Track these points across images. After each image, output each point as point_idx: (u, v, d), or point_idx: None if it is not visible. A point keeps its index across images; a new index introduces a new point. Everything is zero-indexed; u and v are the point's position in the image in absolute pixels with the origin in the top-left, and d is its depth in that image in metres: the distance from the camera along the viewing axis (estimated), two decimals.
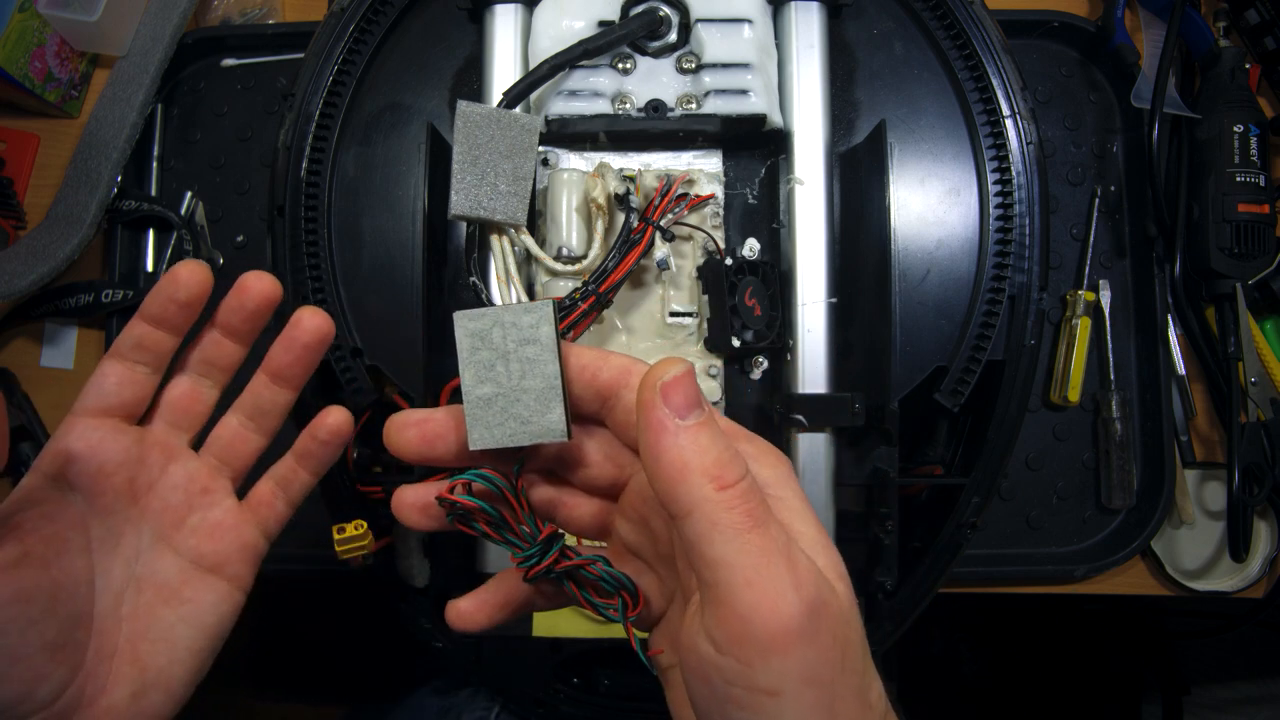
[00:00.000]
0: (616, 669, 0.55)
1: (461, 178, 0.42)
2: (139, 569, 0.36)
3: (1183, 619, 0.90)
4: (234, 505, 0.37)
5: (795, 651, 0.24)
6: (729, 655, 0.24)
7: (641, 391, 0.25)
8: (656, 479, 0.25)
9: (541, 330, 0.30)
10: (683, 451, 0.25)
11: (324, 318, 0.36)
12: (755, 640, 0.23)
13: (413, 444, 0.32)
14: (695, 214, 0.48)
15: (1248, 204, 0.56)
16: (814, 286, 0.47)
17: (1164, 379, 0.58)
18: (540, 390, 0.30)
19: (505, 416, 0.31)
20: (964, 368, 0.46)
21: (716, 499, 0.24)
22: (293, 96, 0.47)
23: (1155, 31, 0.60)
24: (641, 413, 0.25)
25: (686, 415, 0.25)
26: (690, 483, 0.24)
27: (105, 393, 0.34)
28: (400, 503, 0.33)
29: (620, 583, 0.31)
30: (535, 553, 0.31)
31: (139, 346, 0.34)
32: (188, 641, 0.35)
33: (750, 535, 0.24)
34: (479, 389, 0.31)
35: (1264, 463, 0.56)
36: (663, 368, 0.25)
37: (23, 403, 0.60)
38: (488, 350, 0.31)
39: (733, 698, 0.24)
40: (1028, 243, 0.47)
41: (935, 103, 0.49)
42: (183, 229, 0.59)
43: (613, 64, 0.47)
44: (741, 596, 0.24)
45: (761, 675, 0.23)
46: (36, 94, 0.58)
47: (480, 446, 0.31)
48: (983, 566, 0.58)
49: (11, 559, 0.30)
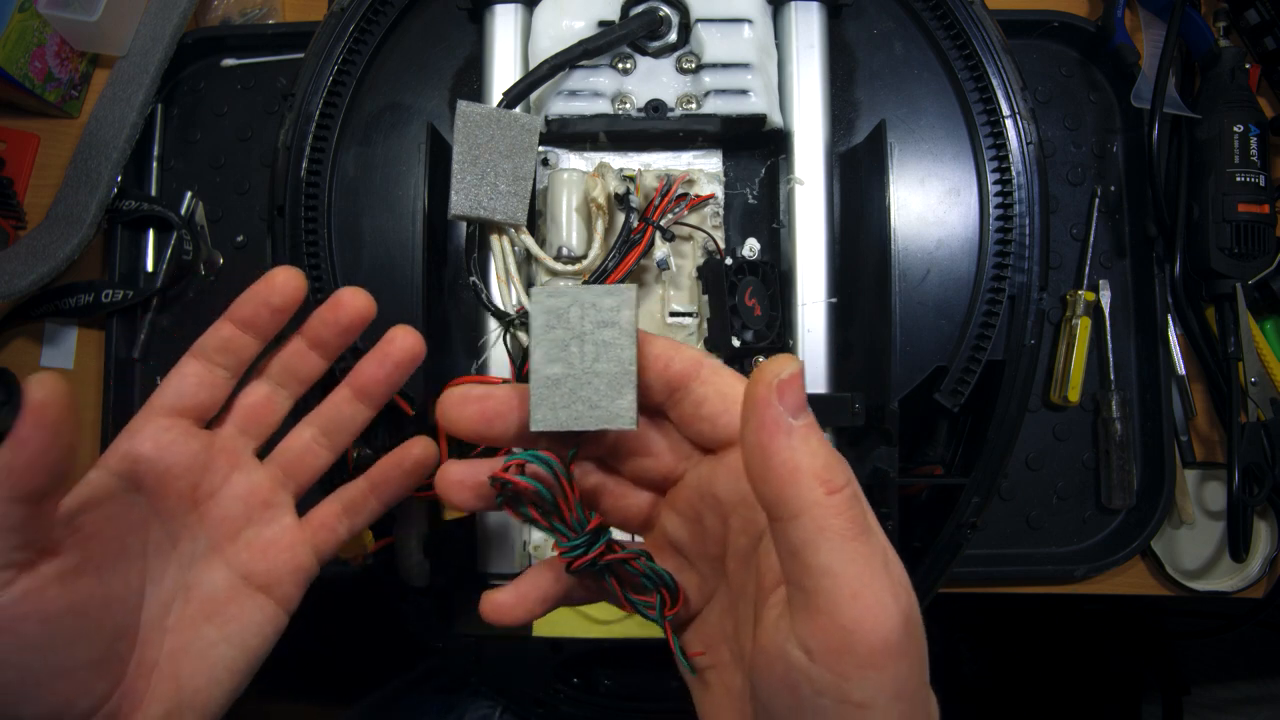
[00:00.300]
0: (616, 669, 0.55)
1: (461, 178, 0.42)
2: (189, 578, 0.34)
3: (1183, 619, 0.90)
4: (292, 523, 0.36)
5: (891, 666, 0.23)
6: (822, 665, 0.23)
7: (755, 387, 0.24)
8: (765, 479, 0.24)
9: (622, 314, 0.30)
10: (795, 453, 0.23)
11: (417, 337, 0.36)
12: (856, 654, 0.23)
13: (472, 420, 0.31)
14: (695, 214, 0.48)
15: (1248, 204, 0.56)
16: (814, 286, 0.47)
17: (1164, 379, 0.58)
18: (613, 375, 0.29)
19: (573, 399, 0.30)
20: (964, 368, 0.46)
21: (826, 504, 0.23)
22: (293, 96, 0.47)
23: (1155, 31, 0.60)
24: (753, 409, 0.24)
25: (799, 416, 0.24)
26: (801, 485, 0.23)
27: (183, 393, 0.34)
28: (445, 479, 0.32)
29: (662, 579, 0.31)
30: (582, 543, 0.30)
31: (224, 349, 0.34)
32: (228, 661, 0.34)
33: (856, 543, 0.23)
34: (548, 368, 0.30)
35: (1264, 463, 0.56)
36: (778, 364, 0.24)
37: (23, 403, 0.60)
38: (563, 329, 0.30)
39: (820, 709, 0.23)
40: (1028, 243, 0.47)
41: (935, 103, 0.49)
42: (183, 229, 0.59)
43: (613, 64, 0.47)
44: (846, 609, 0.23)
45: (856, 689, 0.23)
46: (36, 94, 0.58)
47: (543, 428, 0.30)
48: (983, 566, 0.58)
49: (70, 567, 0.29)
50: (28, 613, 0.28)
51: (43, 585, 0.28)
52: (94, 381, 0.60)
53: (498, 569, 0.47)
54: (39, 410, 0.27)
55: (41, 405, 0.27)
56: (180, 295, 0.61)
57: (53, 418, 0.27)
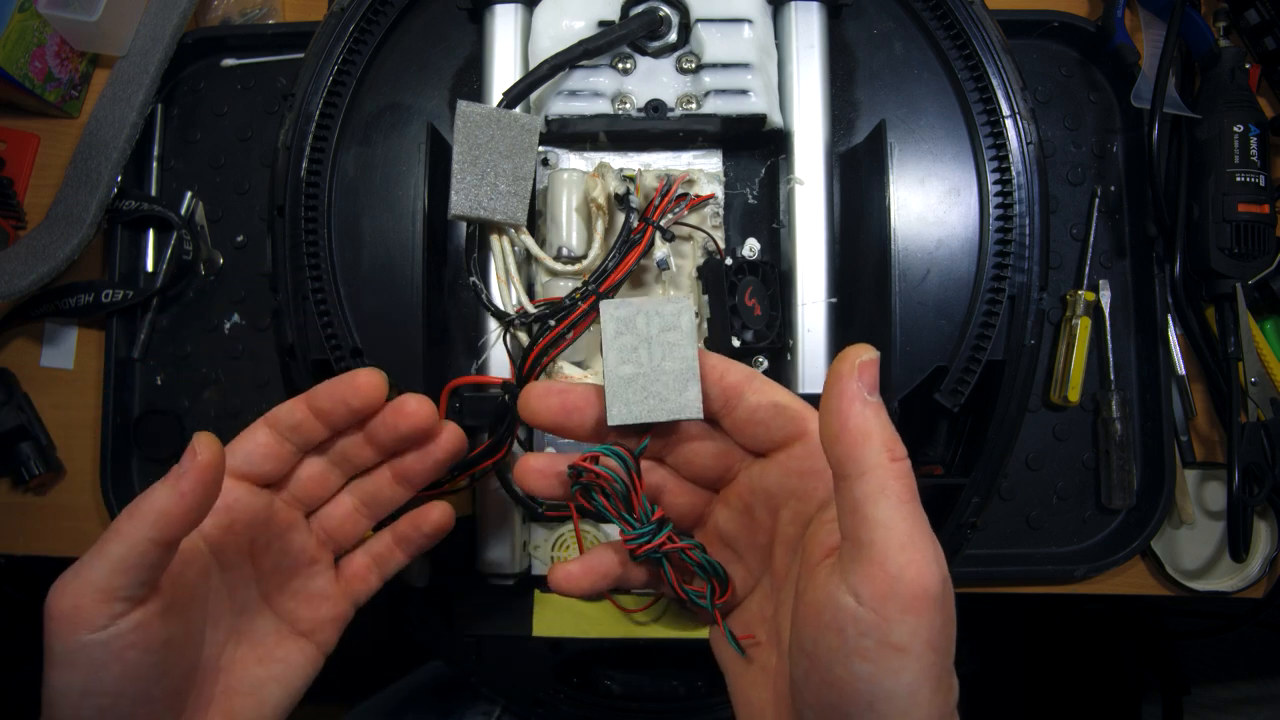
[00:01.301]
0: (616, 669, 0.55)
1: (461, 178, 0.42)
2: (241, 623, 0.37)
3: (1183, 619, 0.90)
4: (333, 577, 0.40)
5: (928, 615, 0.26)
6: (869, 607, 0.26)
7: (840, 364, 0.28)
8: (838, 441, 0.27)
9: (683, 319, 0.34)
10: (868, 421, 0.27)
11: (460, 437, 0.39)
12: (899, 597, 0.26)
13: (554, 412, 0.35)
14: (695, 214, 0.48)
15: (1248, 204, 0.56)
16: (814, 286, 0.47)
17: (1164, 379, 0.58)
18: (679, 371, 0.33)
19: (645, 395, 0.33)
20: (964, 368, 0.46)
21: (889, 467, 0.27)
22: (293, 96, 0.47)
23: (1155, 31, 0.60)
24: (836, 383, 0.28)
25: (873, 394, 0.28)
26: (870, 448, 0.27)
27: (252, 461, 0.36)
28: (526, 469, 0.35)
29: (715, 569, 0.34)
30: (647, 533, 0.33)
31: (296, 429, 0.36)
32: (275, 700, 0.37)
33: (909, 505, 0.27)
34: (621, 369, 0.34)
35: (1264, 463, 0.56)
36: (860, 350, 0.28)
37: (23, 403, 0.60)
38: (631, 335, 0.34)
39: (861, 649, 0.26)
40: (1028, 243, 0.47)
41: (935, 103, 0.49)
42: (183, 229, 0.59)
43: (613, 64, 0.47)
44: (895, 557, 0.26)
45: (896, 630, 0.26)
46: (36, 94, 0.58)
47: (620, 421, 0.33)
48: (983, 566, 0.58)
49: (167, 604, 0.32)
50: (135, 642, 0.30)
51: (150, 619, 0.31)
52: (94, 381, 0.60)
53: (498, 569, 0.47)
54: (204, 469, 0.30)
55: (206, 464, 0.30)
56: (180, 295, 0.61)
57: (212, 478, 0.30)
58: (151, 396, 0.60)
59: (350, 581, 0.40)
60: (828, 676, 0.27)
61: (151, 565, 0.30)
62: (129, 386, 0.60)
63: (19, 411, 0.59)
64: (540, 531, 0.48)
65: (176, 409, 0.60)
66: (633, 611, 0.51)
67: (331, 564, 0.40)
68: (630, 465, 0.33)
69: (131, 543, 0.29)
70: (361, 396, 0.36)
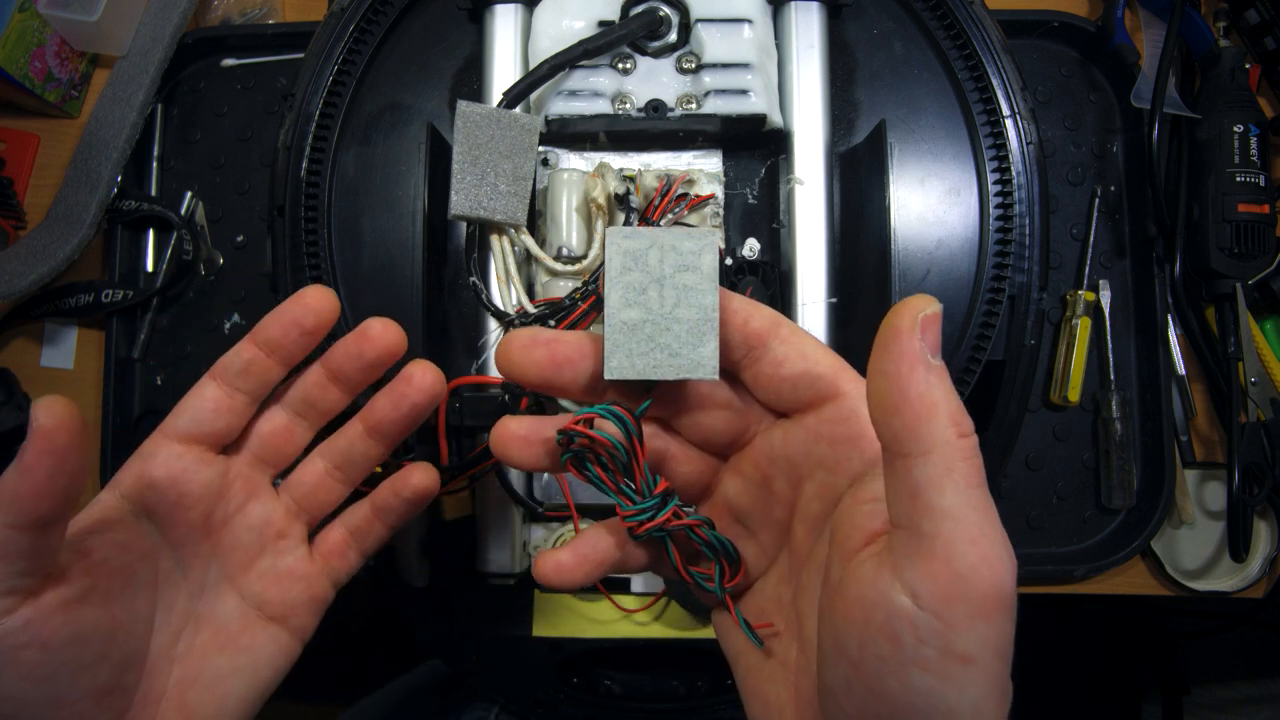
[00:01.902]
0: (616, 669, 0.55)
1: (461, 178, 0.42)
2: (200, 607, 0.33)
3: (1183, 619, 0.90)
4: (306, 553, 0.36)
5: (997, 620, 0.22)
6: (930, 611, 0.22)
7: (898, 318, 0.23)
8: (898, 412, 0.23)
9: (704, 259, 0.28)
10: (934, 389, 0.23)
11: (437, 374, 0.34)
12: (968, 600, 0.22)
13: (540, 365, 0.29)
14: (695, 214, 0.48)
15: (1248, 204, 0.56)
16: (814, 286, 0.47)
17: (1164, 379, 0.58)
18: (694, 322, 0.28)
19: (651, 346, 0.28)
20: (964, 368, 0.46)
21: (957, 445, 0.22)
22: (293, 96, 0.47)
23: (1155, 31, 0.60)
24: (894, 339, 0.23)
25: (936, 356, 0.23)
26: (937, 422, 0.22)
27: (200, 419, 0.32)
28: (505, 434, 0.30)
29: (725, 548, 0.29)
30: (651, 507, 0.29)
31: (245, 372, 0.32)
32: (239, 692, 0.33)
33: (979, 491, 0.23)
34: (625, 312, 0.28)
35: (1264, 463, 0.56)
36: (921, 301, 0.23)
37: (23, 403, 0.60)
38: (640, 272, 0.28)
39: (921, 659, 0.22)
40: (1028, 243, 0.47)
41: (935, 103, 0.49)
42: (183, 229, 0.59)
43: (613, 64, 0.47)
44: (964, 553, 0.22)
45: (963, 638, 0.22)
46: (36, 94, 0.58)
47: (619, 376, 0.28)
48: None
49: (76, 594, 0.28)
50: (28, 641, 0.27)
51: (46, 614, 0.27)
52: (94, 381, 0.60)
53: (498, 569, 0.47)
54: (46, 436, 0.25)
55: (49, 431, 0.25)
56: (180, 295, 0.61)
57: (60, 444, 0.26)
58: (151, 396, 0.60)
59: (327, 559, 0.36)
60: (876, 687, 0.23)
61: (23, 553, 0.26)
62: (129, 386, 0.60)
63: (19, 411, 0.59)
64: (540, 531, 0.48)
65: None
66: (633, 611, 0.51)
67: (304, 539, 0.36)
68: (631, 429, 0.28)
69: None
70: (315, 312, 0.32)
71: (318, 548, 0.36)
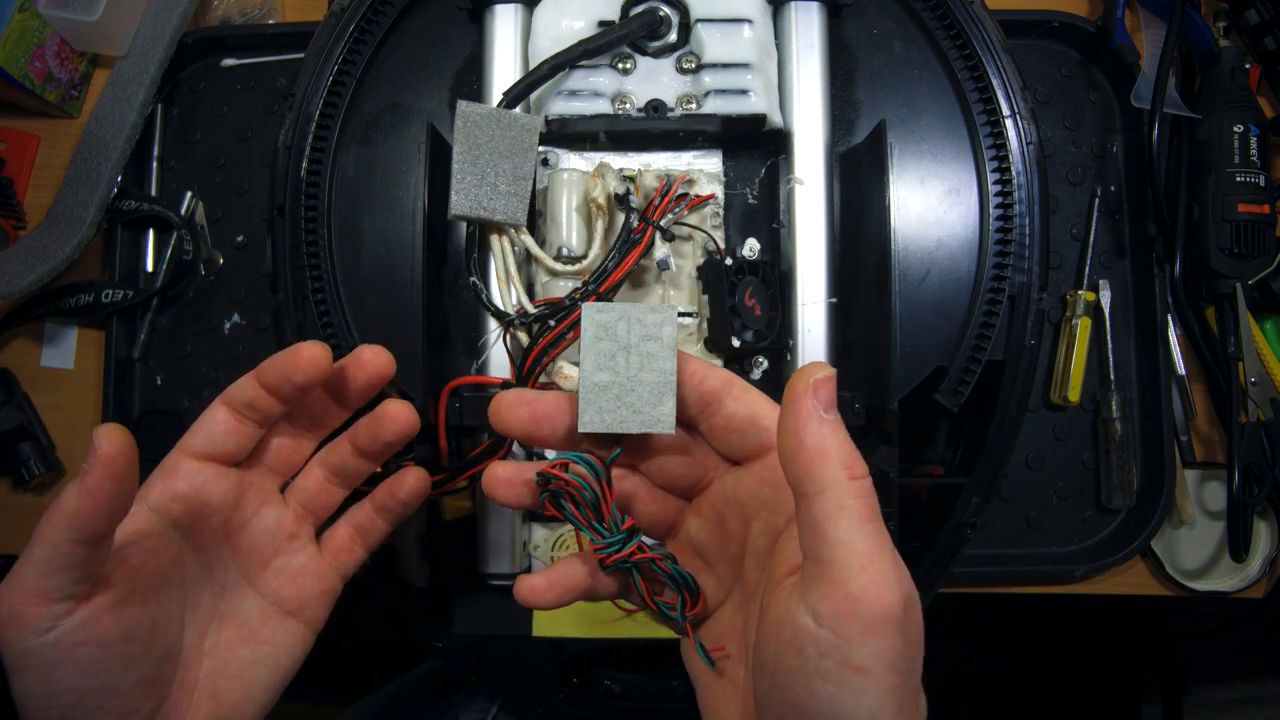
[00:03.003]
0: (616, 669, 0.55)
1: (461, 178, 0.42)
2: (223, 605, 0.37)
3: (1183, 619, 0.90)
4: (315, 551, 0.39)
5: (889, 637, 0.25)
6: (828, 629, 0.25)
7: (794, 383, 0.27)
8: (796, 459, 0.27)
9: (664, 330, 0.33)
10: (825, 439, 0.27)
11: (409, 414, 0.37)
12: (859, 618, 0.25)
13: (523, 420, 0.34)
14: (695, 214, 0.48)
15: (1248, 204, 0.56)
16: (814, 286, 0.47)
17: (1164, 379, 0.58)
18: (655, 384, 0.33)
19: (618, 404, 0.33)
20: (964, 368, 0.46)
21: (848, 485, 0.26)
22: (293, 96, 0.47)
23: (1155, 31, 0.60)
24: (792, 401, 0.27)
25: (829, 411, 0.27)
26: (829, 466, 0.26)
27: (213, 440, 0.35)
28: (493, 478, 0.35)
29: (685, 581, 0.33)
30: (617, 542, 0.33)
31: (251, 406, 0.35)
32: (262, 680, 0.37)
33: (870, 525, 0.26)
34: (597, 375, 0.33)
35: (1264, 463, 0.56)
36: (815, 368, 0.27)
37: (23, 402, 0.60)
38: (610, 341, 0.33)
39: (822, 670, 0.25)
40: (1028, 243, 0.47)
41: (935, 103, 0.49)
42: (183, 229, 0.59)
43: (613, 64, 0.47)
44: (855, 577, 0.25)
45: (856, 652, 0.25)
46: (36, 94, 0.58)
47: (591, 429, 0.33)
48: (983, 566, 0.58)
49: (121, 597, 0.32)
50: (86, 639, 0.30)
51: (98, 614, 0.31)
52: (94, 381, 0.60)
53: (498, 569, 0.47)
54: (108, 463, 0.29)
55: (110, 457, 0.29)
56: (180, 295, 0.61)
57: (119, 470, 0.29)
58: (151, 396, 0.60)
59: (335, 554, 0.40)
60: (789, 696, 0.26)
61: (81, 564, 0.30)
62: (129, 386, 0.60)
63: (19, 411, 0.59)
64: (540, 531, 0.48)
65: (176, 409, 0.60)
66: (633, 611, 0.51)
67: (312, 538, 0.39)
68: (600, 473, 0.33)
69: (52, 545, 0.29)
70: (303, 371, 0.34)
71: (325, 544, 0.40)
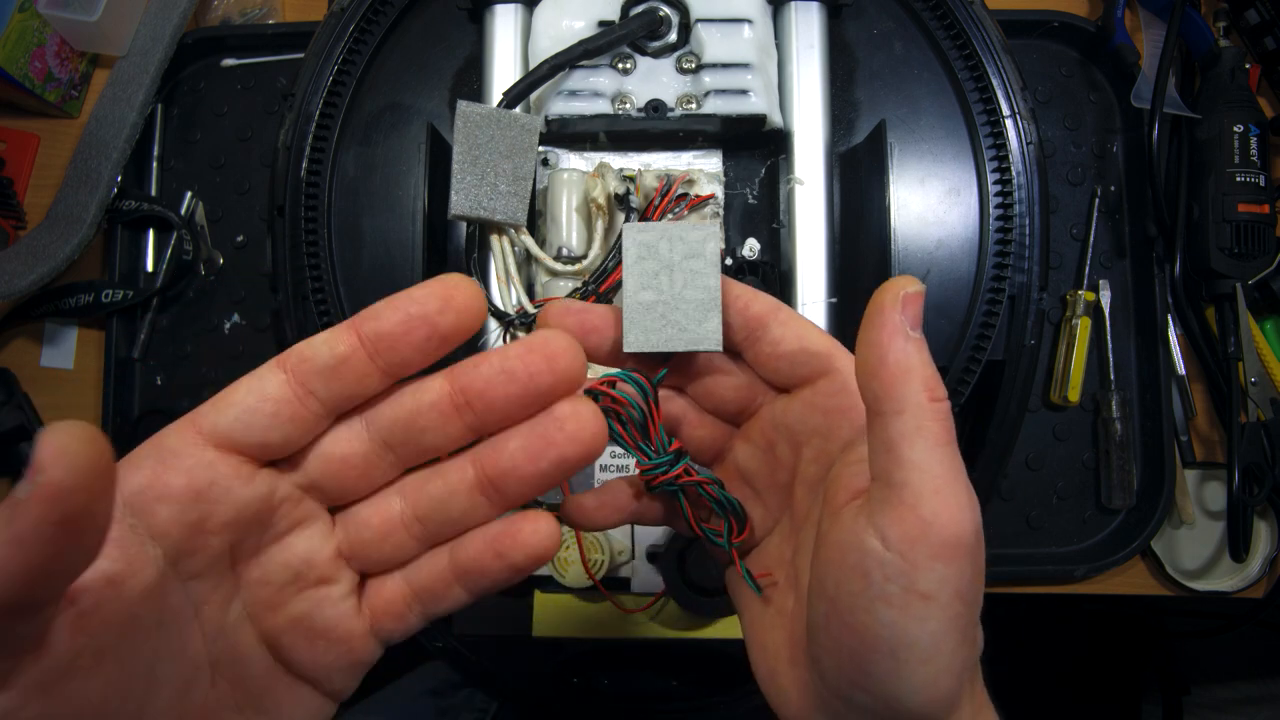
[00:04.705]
0: (617, 669, 0.55)
1: (461, 178, 0.42)
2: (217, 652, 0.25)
3: (1183, 619, 0.90)
4: (353, 608, 0.27)
5: (957, 564, 0.24)
6: (896, 553, 0.24)
7: (882, 295, 0.25)
8: (876, 375, 0.25)
9: (708, 246, 0.32)
10: (911, 356, 0.25)
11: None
12: (929, 543, 0.24)
13: (570, 329, 0.30)
14: (695, 214, 0.48)
15: (1248, 204, 0.56)
16: (814, 286, 0.47)
17: (1164, 379, 0.58)
18: (700, 301, 0.32)
19: (663, 323, 0.32)
20: (964, 368, 0.46)
21: (928, 407, 0.25)
22: (293, 96, 0.47)
23: (1155, 31, 0.60)
24: (877, 313, 0.25)
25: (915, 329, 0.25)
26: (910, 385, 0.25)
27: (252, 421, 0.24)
28: None
29: (733, 506, 0.32)
30: (664, 463, 0.32)
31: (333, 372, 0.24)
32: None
33: (947, 448, 0.25)
34: (641, 295, 0.32)
35: (1264, 463, 0.56)
36: (904, 281, 0.25)
37: (23, 403, 0.60)
38: (653, 260, 0.32)
39: (887, 595, 0.24)
40: (1028, 243, 0.47)
41: (935, 103, 0.49)
42: (183, 229, 0.59)
43: (613, 64, 0.47)
44: (928, 501, 0.24)
45: (924, 578, 0.24)
46: (36, 94, 0.58)
47: (636, 349, 0.32)
48: None
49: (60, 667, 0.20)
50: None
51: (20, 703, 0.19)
52: (94, 382, 0.60)
53: None
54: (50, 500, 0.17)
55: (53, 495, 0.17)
56: (180, 295, 0.61)
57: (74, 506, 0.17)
58: (151, 396, 0.60)
59: (378, 618, 0.27)
60: (849, 621, 0.25)
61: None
62: (129, 386, 0.60)
63: (19, 411, 0.59)
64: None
65: (176, 409, 0.60)
66: (633, 611, 0.51)
67: (352, 589, 0.27)
68: (648, 393, 0.31)
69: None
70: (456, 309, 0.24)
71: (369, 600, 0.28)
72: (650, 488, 0.32)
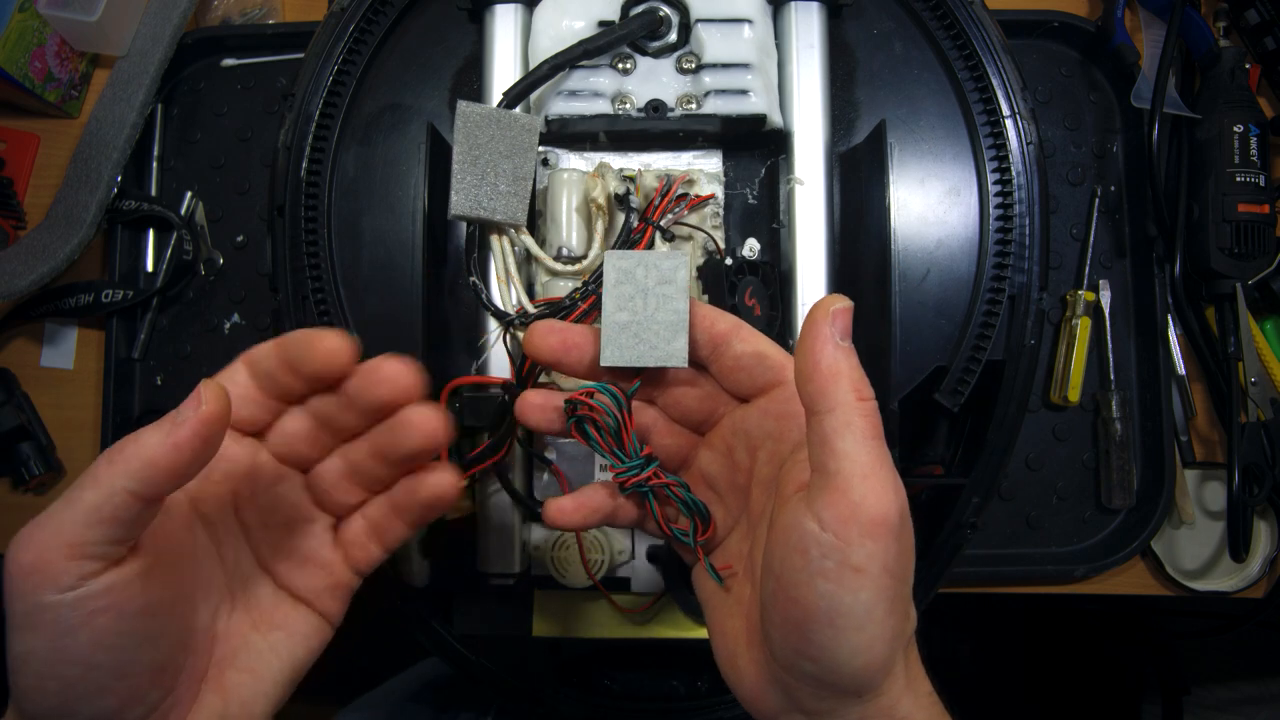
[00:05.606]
0: (616, 669, 0.55)
1: (461, 178, 0.42)
2: (235, 585, 0.34)
3: (1183, 619, 0.90)
4: (329, 540, 0.36)
5: (884, 541, 0.28)
6: (831, 533, 0.28)
7: (815, 311, 0.30)
8: (810, 379, 0.29)
9: (678, 274, 0.36)
10: (839, 362, 0.29)
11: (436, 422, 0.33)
12: (859, 523, 0.28)
13: (553, 347, 0.36)
14: (695, 214, 0.48)
15: (1248, 204, 0.56)
16: (814, 286, 0.47)
17: (1164, 379, 0.58)
18: (670, 322, 0.36)
19: (636, 341, 0.36)
20: (964, 368, 0.46)
21: (855, 405, 0.29)
22: (293, 96, 0.47)
23: (1155, 31, 0.60)
24: (811, 326, 0.30)
25: (845, 339, 0.30)
26: (840, 386, 0.29)
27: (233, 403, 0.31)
28: (525, 403, 0.37)
29: (697, 507, 0.36)
30: (635, 467, 0.36)
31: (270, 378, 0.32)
32: (275, 673, 0.33)
33: (873, 441, 0.29)
34: (617, 315, 0.36)
35: (1264, 463, 0.56)
36: (834, 298, 0.30)
37: (23, 403, 0.60)
38: (630, 285, 0.36)
39: (823, 570, 0.28)
40: (1028, 243, 0.47)
41: (935, 103, 0.49)
42: (183, 229, 0.59)
43: (613, 64, 0.47)
44: (857, 486, 0.28)
45: (855, 553, 0.28)
46: (36, 94, 0.58)
47: (611, 363, 0.36)
48: (983, 566, 0.58)
49: (147, 567, 0.28)
50: (107, 606, 0.27)
51: (125, 583, 0.27)
52: (94, 382, 0.60)
53: (498, 569, 0.47)
54: (206, 423, 0.27)
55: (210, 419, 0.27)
56: (180, 295, 0.61)
57: (214, 435, 0.27)
58: (151, 396, 0.60)
59: (349, 548, 0.36)
60: (792, 594, 0.29)
61: (130, 521, 0.26)
62: (129, 386, 0.60)
63: (19, 411, 0.59)
64: (540, 531, 0.48)
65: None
66: (632, 611, 0.51)
67: (329, 526, 0.36)
68: (622, 403, 0.35)
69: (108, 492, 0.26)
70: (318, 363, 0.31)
71: (341, 536, 0.36)
72: (623, 490, 0.36)
